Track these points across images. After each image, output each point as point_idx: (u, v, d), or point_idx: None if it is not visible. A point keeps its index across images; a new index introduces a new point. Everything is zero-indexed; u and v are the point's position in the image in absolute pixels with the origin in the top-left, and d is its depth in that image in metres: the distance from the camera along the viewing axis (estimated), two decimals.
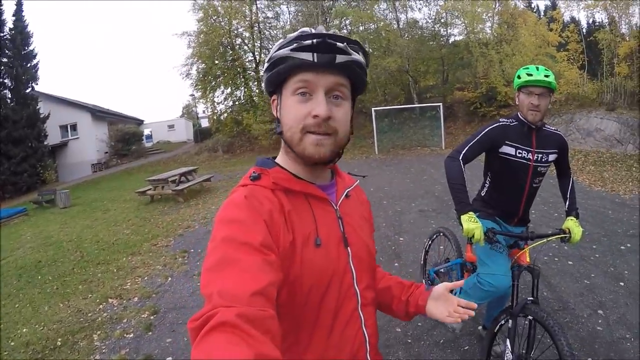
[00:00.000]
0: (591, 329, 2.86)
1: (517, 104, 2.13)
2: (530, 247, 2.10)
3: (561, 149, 2.20)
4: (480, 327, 2.85)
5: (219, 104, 21.10)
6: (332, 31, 0.78)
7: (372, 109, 16.05)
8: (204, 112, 24.67)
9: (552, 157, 2.17)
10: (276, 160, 0.90)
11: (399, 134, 16.89)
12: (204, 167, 16.48)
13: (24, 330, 3.78)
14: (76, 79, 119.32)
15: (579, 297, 3.34)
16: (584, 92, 13.74)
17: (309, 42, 0.75)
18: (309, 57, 0.75)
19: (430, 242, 3.31)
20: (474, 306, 0.98)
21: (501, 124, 2.17)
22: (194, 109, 31.79)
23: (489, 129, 2.17)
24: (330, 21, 19.07)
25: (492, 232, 2.01)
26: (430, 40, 19.09)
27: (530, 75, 1.99)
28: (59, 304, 4.28)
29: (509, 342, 1.95)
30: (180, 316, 3.68)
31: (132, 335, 3.45)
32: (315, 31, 0.77)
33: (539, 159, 2.13)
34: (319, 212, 0.84)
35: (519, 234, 2.09)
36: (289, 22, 21.15)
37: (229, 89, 20.76)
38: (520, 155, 2.12)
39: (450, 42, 19.29)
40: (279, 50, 0.79)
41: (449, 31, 19.41)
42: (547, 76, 1.96)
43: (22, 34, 19.41)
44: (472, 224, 1.95)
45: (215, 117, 21.32)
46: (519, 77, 2.06)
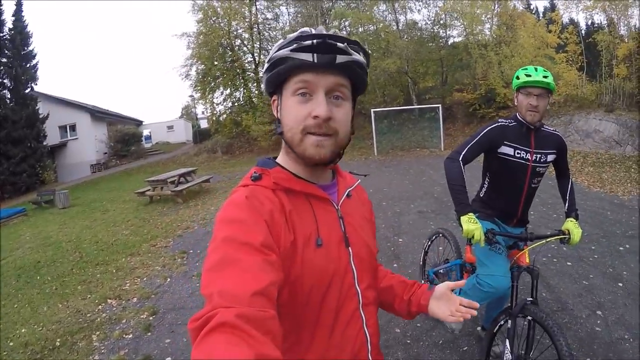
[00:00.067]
0: (590, 329, 2.87)
1: (516, 104, 2.14)
2: (529, 248, 2.11)
3: (560, 149, 2.21)
4: (479, 328, 2.85)
5: (218, 105, 21.08)
6: (332, 31, 0.78)
7: (372, 110, 16.04)
8: (203, 113, 24.64)
9: (550, 158, 2.18)
10: (277, 160, 0.90)
11: (398, 135, 16.89)
12: (203, 168, 16.46)
13: (23, 330, 3.77)
14: (75, 80, 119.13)
15: (578, 298, 3.35)
16: (583, 93, 13.74)
17: (309, 42, 0.74)
18: (309, 57, 0.75)
19: (429, 243, 3.31)
20: (476, 305, 0.98)
21: (500, 124, 2.18)
22: (193, 110, 31.87)
23: (487, 130, 2.17)
24: (329, 22, 19.06)
25: (492, 233, 2.01)
26: (429, 41, 19.08)
27: (528, 76, 2.00)
28: (58, 305, 4.28)
29: (508, 343, 1.95)
30: (179, 317, 3.68)
31: (131, 335, 3.45)
32: (315, 31, 0.77)
33: (538, 160, 2.14)
34: (320, 212, 0.84)
35: (518, 235, 2.09)
36: (288, 24, 21.18)
37: (228, 90, 20.73)
38: (518, 155, 2.12)
39: (449, 44, 19.31)
40: (279, 50, 0.78)
41: (448, 33, 19.45)
42: (545, 77, 1.97)
43: (21, 34, 19.41)
44: (472, 225, 1.95)
45: (214, 118, 21.26)
46: (518, 78, 2.06)
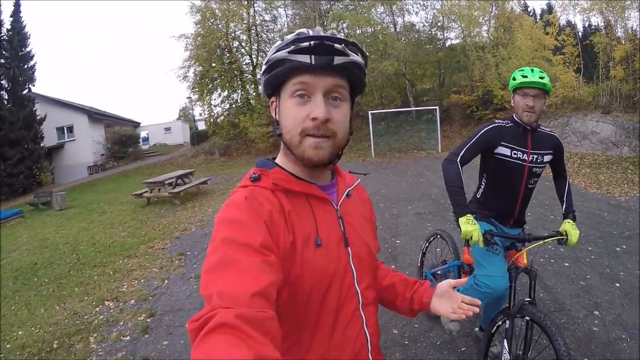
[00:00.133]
0: (587, 329, 2.87)
1: (513, 105, 2.15)
2: (527, 249, 2.12)
3: (556, 150, 2.22)
4: (476, 329, 2.85)
5: (215, 106, 21.13)
6: (330, 32, 0.78)
7: (369, 112, 16.08)
8: (201, 114, 24.60)
9: (547, 158, 2.19)
10: (276, 161, 0.90)
11: (396, 137, 16.93)
12: (200, 169, 16.44)
13: (20, 332, 3.75)
14: (73, 81, 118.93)
15: (575, 298, 3.36)
16: (580, 95, 13.81)
17: (307, 44, 0.74)
18: (306, 59, 0.74)
19: (427, 244, 3.30)
20: (478, 303, 0.99)
21: (497, 125, 2.19)
22: (191, 111, 31.90)
23: (485, 130, 2.18)
24: (327, 24, 19.10)
25: (490, 234, 2.02)
26: (427, 43, 19.17)
27: (525, 77, 2.01)
28: (55, 307, 4.26)
29: (506, 343, 1.95)
30: (177, 319, 3.67)
31: (128, 337, 3.43)
32: (312, 33, 0.77)
33: (534, 160, 2.15)
34: (320, 212, 0.84)
35: (516, 236, 2.10)
36: (286, 25, 21.22)
37: (226, 91, 20.79)
38: (515, 156, 2.13)
39: (446, 46, 19.41)
40: (276, 52, 0.78)
41: (446, 35, 19.54)
42: (541, 78, 1.98)
43: (19, 35, 19.33)
44: (470, 226, 1.95)
45: (212, 120, 21.29)
46: (514, 79, 2.08)
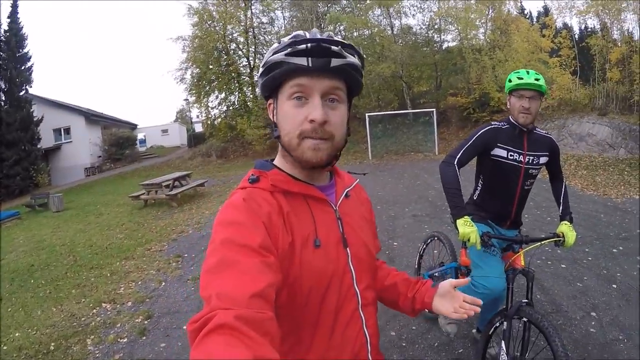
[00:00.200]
0: (585, 331, 2.89)
1: (509, 107, 2.17)
2: (524, 250, 2.13)
3: (552, 151, 2.23)
4: (474, 331, 2.86)
5: (213, 108, 21.14)
6: (327, 34, 0.78)
7: (366, 115, 16.09)
8: (198, 117, 24.59)
9: (543, 160, 2.21)
10: (274, 162, 0.91)
11: (393, 140, 16.97)
12: (197, 172, 16.40)
13: (17, 334, 3.73)
14: (70, 83, 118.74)
15: (572, 300, 3.37)
16: (576, 97, 13.88)
17: (303, 46, 0.74)
18: (303, 62, 0.75)
19: (424, 247, 3.31)
20: (479, 302, 0.99)
21: (493, 126, 2.20)
22: (188, 113, 31.79)
23: (481, 132, 2.19)
24: (324, 27, 19.17)
25: (488, 235, 2.03)
26: (424, 46, 19.25)
27: (520, 78, 2.03)
28: (52, 308, 4.24)
29: (503, 344, 1.96)
30: (174, 321, 3.66)
31: (125, 339, 3.42)
32: (309, 35, 0.77)
33: (530, 162, 2.16)
34: (318, 213, 0.84)
35: (513, 238, 2.11)
36: (283, 28, 21.27)
37: (223, 94, 20.80)
38: (511, 157, 2.15)
39: (443, 48, 19.47)
40: (273, 55, 0.78)
41: (443, 37, 19.64)
42: (537, 79, 2.00)
43: (16, 36, 19.24)
44: (468, 228, 1.96)
45: (209, 122, 21.28)
46: (510, 81, 2.09)
